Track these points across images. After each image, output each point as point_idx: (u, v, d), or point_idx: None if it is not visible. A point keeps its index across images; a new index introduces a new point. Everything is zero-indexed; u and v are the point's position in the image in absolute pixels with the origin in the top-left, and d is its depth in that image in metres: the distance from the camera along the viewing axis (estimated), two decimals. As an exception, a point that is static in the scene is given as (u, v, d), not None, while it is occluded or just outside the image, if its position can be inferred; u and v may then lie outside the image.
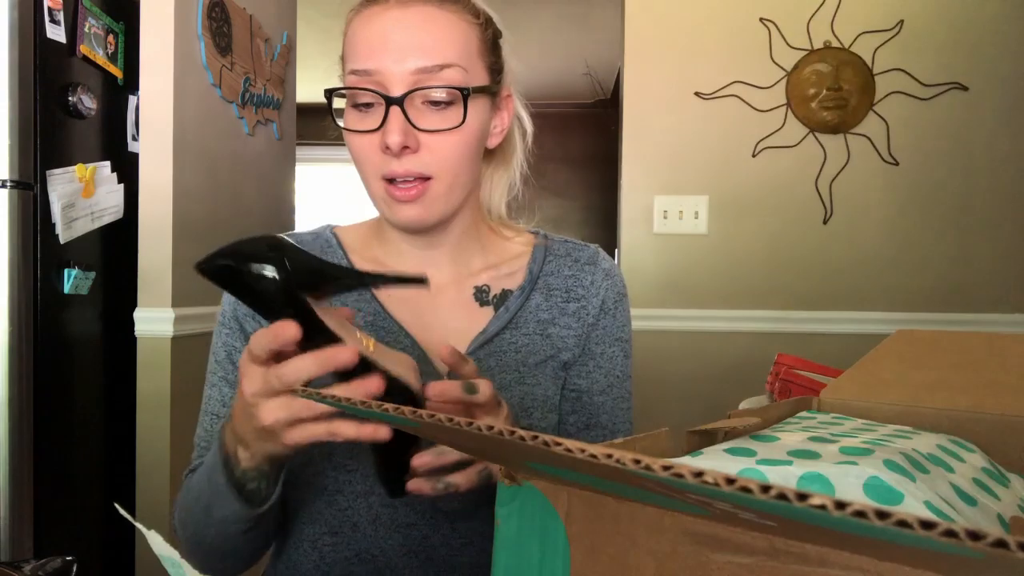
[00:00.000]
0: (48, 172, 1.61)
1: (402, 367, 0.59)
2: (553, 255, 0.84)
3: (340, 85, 0.72)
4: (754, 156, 2.13)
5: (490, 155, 0.83)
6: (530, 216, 0.89)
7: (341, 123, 0.73)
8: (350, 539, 0.74)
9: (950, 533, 0.15)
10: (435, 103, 0.69)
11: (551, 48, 4.23)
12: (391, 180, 0.70)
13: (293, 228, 2.41)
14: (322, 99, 0.72)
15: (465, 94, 0.69)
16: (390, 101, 0.68)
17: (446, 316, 0.79)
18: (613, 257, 0.86)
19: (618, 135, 2.24)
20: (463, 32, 0.71)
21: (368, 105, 0.70)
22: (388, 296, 0.79)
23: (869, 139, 2.10)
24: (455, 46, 0.70)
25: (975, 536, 0.15)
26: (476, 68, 0.73)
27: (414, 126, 0.69)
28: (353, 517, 0.74)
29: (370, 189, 0.74)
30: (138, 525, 0.39)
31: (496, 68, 0.76)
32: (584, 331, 0.81)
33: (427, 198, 0.71)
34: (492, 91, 0.75)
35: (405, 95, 0.68)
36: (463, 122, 0.70)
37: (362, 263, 0.82)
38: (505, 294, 0.81)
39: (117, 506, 0.43)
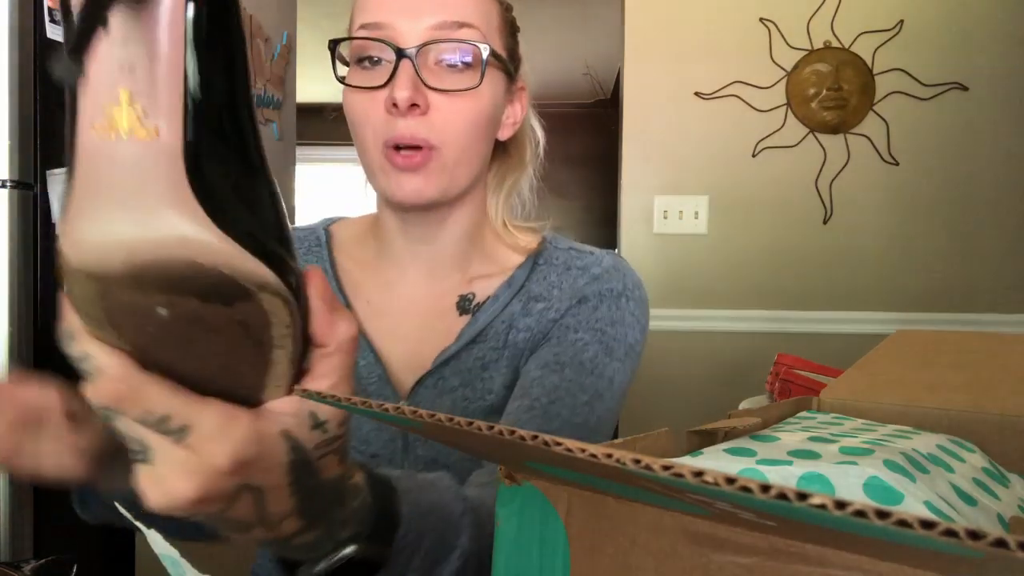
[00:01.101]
0: (48, 172, 1.61)
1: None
2: (546, 261, 0.75)
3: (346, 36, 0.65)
4: (754, 156, 2.13)
5: (501, 158, 0.77)
6: (527, 217, 0.84)
7: (346, 104, 0.66)
8: None
9: (950, 533, 0.15)
10: (450, 65, 0.63)
11: (551, 48, 4.23)
12: (393, 148, 0.63)
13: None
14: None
15: (483, 54, 0.63)
16: (401, 54, 0.61)
17: (419, 329, 0.72)
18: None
19: (618, 135, 2.24)
20: (484, 1, 0.66)
21: (376, 61, 0.63)
22: (367, 304, 0.73)
23: (869, 139, 2.10)
24: (475, 9, 0.65)
25: (975, 535, 0.15)
26: (495, 40, 0.67)
27: (425, 84, 0.62)
28: None
29: (368, 159, 0.66)
30: (138, 525, 0.39)
31: (514, 55, 0.71)
32: (542, 328, 0.71)
33: (430, 168, 0.64)
34: (509, 71, 0.69)
35: (418, 48, 0.62)
36: (479, 84, 0.63)
37: (346, 262, 0.77)
38: (484, 303, 0.73)
39: (117, 505, 0.43)
